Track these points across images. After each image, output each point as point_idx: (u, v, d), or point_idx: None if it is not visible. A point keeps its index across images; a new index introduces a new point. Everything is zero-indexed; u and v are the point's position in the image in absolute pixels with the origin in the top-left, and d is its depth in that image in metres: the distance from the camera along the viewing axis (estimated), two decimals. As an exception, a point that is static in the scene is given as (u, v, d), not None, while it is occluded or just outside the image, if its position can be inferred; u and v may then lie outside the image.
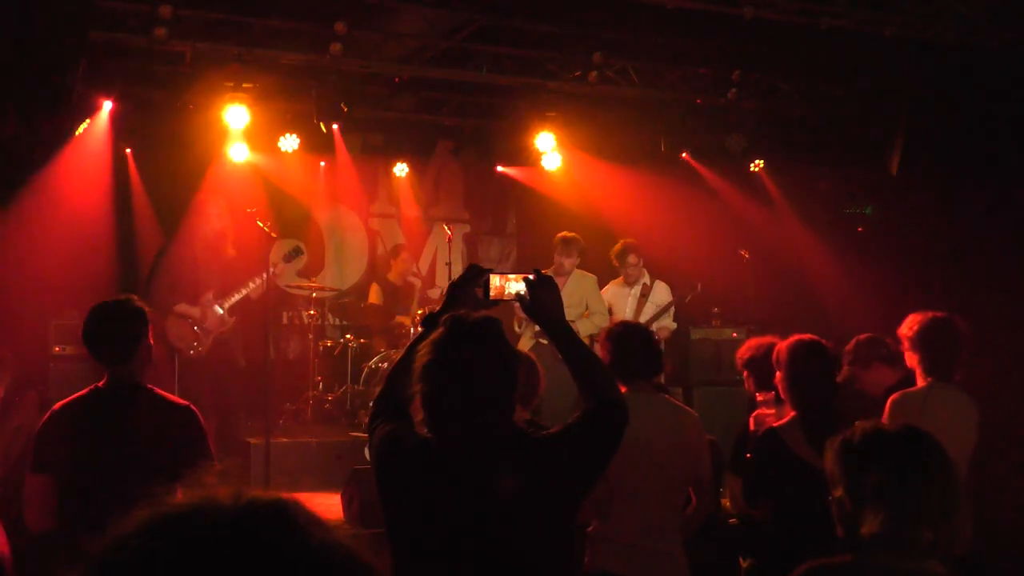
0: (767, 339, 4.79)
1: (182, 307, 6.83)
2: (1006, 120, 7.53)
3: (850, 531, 2.11)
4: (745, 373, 4.65)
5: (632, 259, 7.85)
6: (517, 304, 2.78)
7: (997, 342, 6.88)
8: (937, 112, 7.93)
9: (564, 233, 7.80)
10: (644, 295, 7.85)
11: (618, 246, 7.93)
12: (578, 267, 7.71)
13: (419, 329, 8.92)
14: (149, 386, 3.51)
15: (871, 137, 8.71)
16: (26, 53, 6.47)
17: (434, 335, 2.44)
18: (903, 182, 8.40)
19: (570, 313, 7.40)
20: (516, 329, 7.51)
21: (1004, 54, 7.20)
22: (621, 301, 7.91)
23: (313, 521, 0.92)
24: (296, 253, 7.51)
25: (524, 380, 3.25)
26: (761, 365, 4.57)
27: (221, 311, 6.83)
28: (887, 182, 8.53)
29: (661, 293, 7.93)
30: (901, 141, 8.27)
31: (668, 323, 7.93)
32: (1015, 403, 5.39)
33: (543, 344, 7.02)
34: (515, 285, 2.68)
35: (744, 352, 4.67)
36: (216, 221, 6.82)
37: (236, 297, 6.86)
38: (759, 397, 4.45)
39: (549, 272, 7.89)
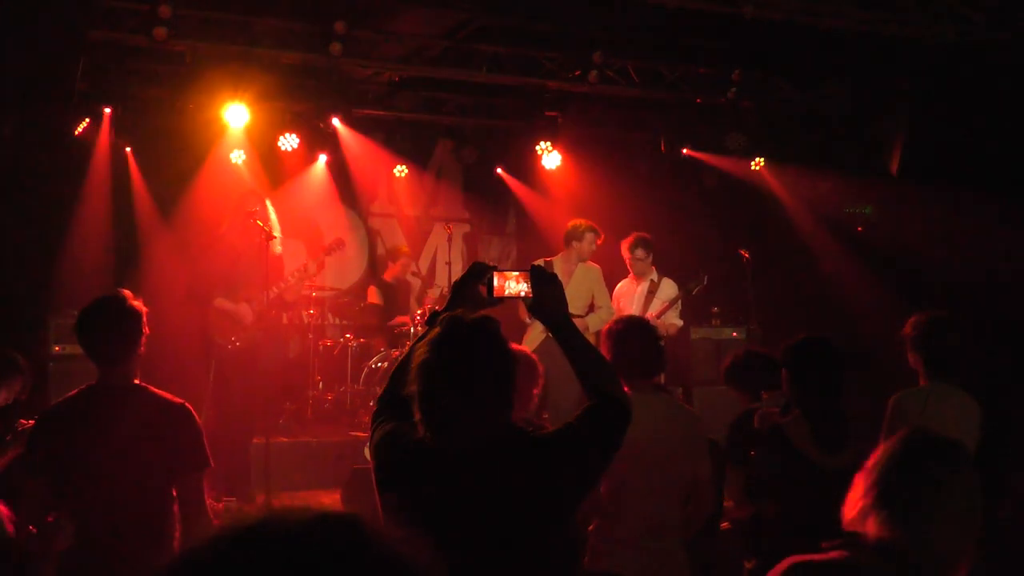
0: (753, 349, 4.84)
1: (221, 301, 6.79)
2: (1006, 119, 7.53)
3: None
4: (735, 384, 4.70)
5: (640, 253, 7.82)
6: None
7: (997, 342, 6.88)
8: (937, 112, 7.93)
9: (576, 220, 7.77)
10: (652, 291, 7.85)
11: (630, 238, 7.91)
12: (592, 256, 7.71)
13: (419, 328, 8.85)
14: (143, 384, 3.46)
15: (871, 137, 8.71)
16: (26, 52, 6.47)
17: (431, 335, 2.43)
18: (903, 182, 8.40)
19: (577, 306, 7.39)
20: (527, 321, 7.48)
21: (1004, 53, 7.20)
22: (628, 297, 7.91)
23: (382, 536, 0.94)
24: (337, 246, 7.49)
25: (523, 380, 3.24)
26: (742, 372, 4.60)
27: (260, 306, 6.79)
28: (887, 182, 8.53)
29: (668, 289, 7.93)
30: (901, 141, 8.27)
31: (675, 319, 7.91)
32: (1016, 403, 5.38)
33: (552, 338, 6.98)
34: (518, 283, 2.69)
35: (725, 364, 4.71)
36: (254, 219, 6.76)
37: (275, 291, 6.83)
38: (764, 395, 4.46)
39: (554, 260, 7.85)
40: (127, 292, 3.50)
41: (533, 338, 7.24)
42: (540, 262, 7.79)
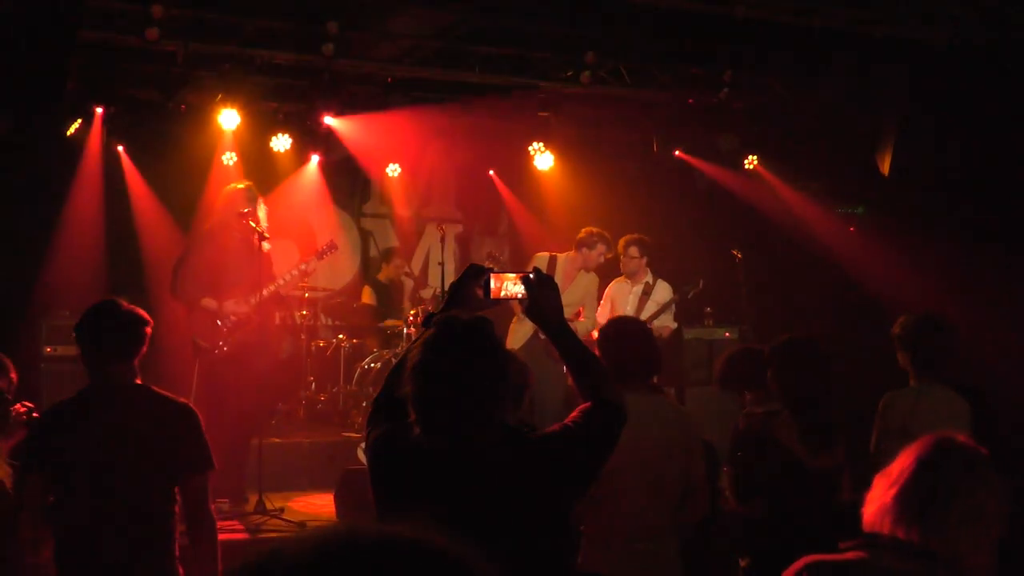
0: (745, 347, 4.84)
1: (208, 302, 6.67)
2: (998, 119, 7.56)
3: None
4: (730, 386, 4.71)
5: (633, 251, 7.83)
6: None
7: (991, 341, 6.90)
8: (929, 111, 7.95)
9: (591, 228, 7.78)
10: (646, 293, 7.86)
11: (627, 237, 7.93)
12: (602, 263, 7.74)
13: (412, 329, 8.75)
14: (146, 384, 3.48)
15: (863, 137, 8.73)
16: (16, 52, 6.45)
17: (426, 336, 2.44)
18: (895, 182, 8.42)
19: (567, 311, 7.39)
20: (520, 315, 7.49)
21: (995, 53, 7.23)
22: (623, 298, 7.92)
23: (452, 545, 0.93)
24: (330, 249, 7.44)
25: (513, 380, 3.24)
26: (737, 374, 4.62)
27: (248, 307, 6.69)
28: (879, 182, 8.56)
29: (662, 292, 7.94)
30: (893, 141, 8.30)
31: (668, 322, 7.93)
32: (1013, 402, 5.40)
33: (540, 337, 6.97)
34: (515, 285, 2.69)
35: (719, 365, 4.72)
36: (242, 218, 6.67)
37: (265, 293, 6.73)
38: (748, 396, 4.47)
39: (560, 257, 7.82)
40: (123, 301, 3.53)
41: (519, 337, 7.24)
42: (544, 255, 7.82)
